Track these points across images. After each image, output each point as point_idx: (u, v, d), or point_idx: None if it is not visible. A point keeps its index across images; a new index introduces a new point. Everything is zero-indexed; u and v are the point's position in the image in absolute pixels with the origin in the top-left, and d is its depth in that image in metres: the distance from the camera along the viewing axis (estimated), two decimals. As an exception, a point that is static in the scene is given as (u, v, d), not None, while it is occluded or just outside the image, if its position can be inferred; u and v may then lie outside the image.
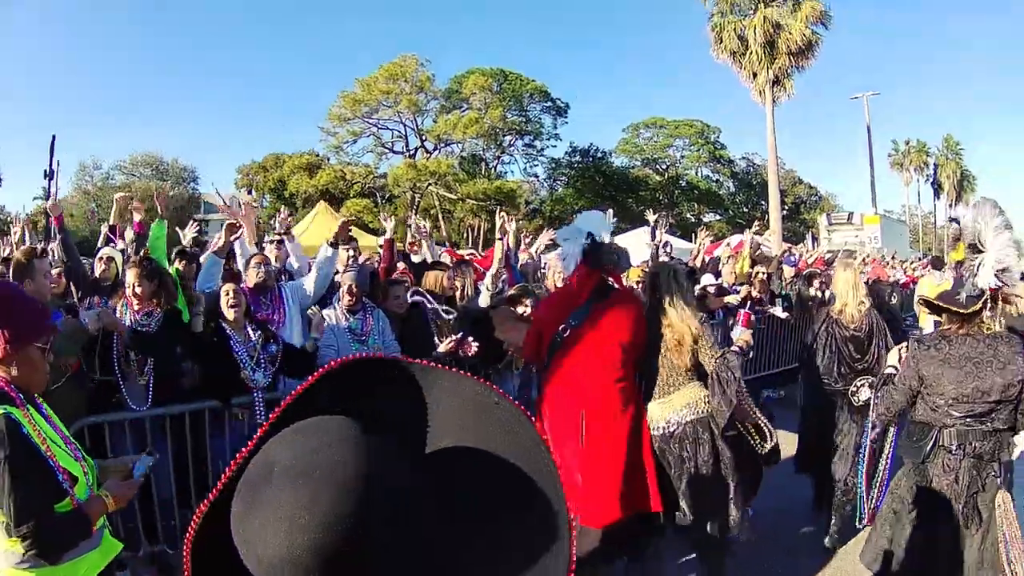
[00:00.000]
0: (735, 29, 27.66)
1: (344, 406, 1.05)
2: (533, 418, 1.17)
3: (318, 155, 42.33)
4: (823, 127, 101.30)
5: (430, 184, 38.49)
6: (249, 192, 45.14)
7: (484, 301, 6.09)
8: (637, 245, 12.07)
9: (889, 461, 4.42)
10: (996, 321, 3.48)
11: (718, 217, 50.50)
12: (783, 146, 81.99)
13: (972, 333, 3.48)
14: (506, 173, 46.96)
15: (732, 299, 7.77)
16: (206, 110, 74.25)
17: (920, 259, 17.28)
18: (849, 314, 5.20)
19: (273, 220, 7.99)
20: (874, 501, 4.35)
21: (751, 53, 27.41)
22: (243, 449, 1.02)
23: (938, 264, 13.04)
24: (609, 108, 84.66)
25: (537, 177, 49.46)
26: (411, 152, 42.73)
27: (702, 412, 4.07)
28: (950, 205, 62.77)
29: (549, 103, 46.42)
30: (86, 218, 34.82)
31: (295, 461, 0.92)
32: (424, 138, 42.08)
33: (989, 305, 3.43)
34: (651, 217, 10.13)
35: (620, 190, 48.57)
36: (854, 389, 4.65)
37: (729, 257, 9.36)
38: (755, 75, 27.82)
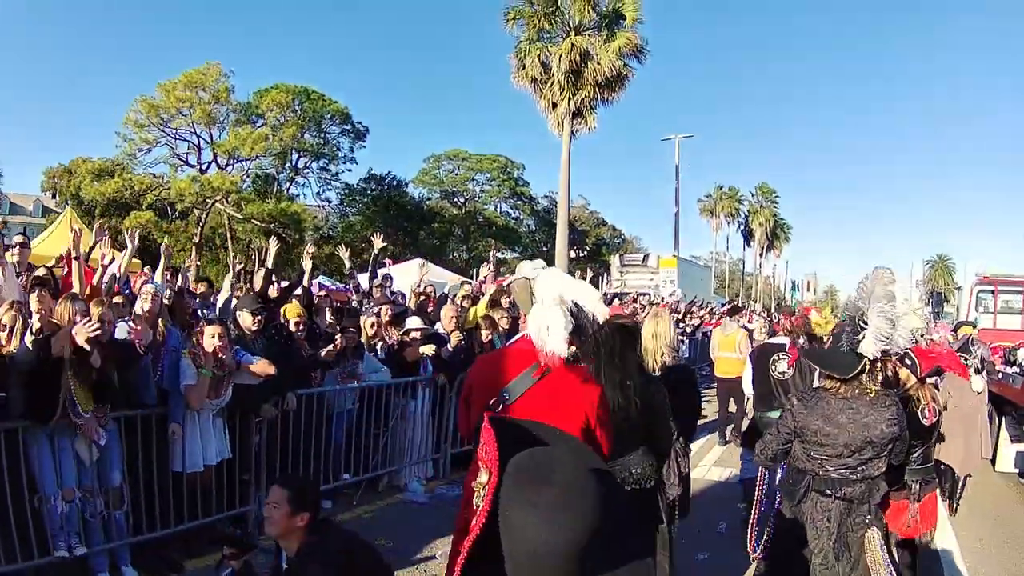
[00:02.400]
0: (540, 56, 26.88)
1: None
2: None
3: (116, 162, 39.24)
4: (636, 171, 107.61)
5: (216, 201, 36.88)
6: (53, 196, 42.55)
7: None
8: (405, 276, 13.06)
9: (765, 500, 5.41)
10: (874, 382, 3.95)
11: (515, 254, 50.64)
12: (587, 186, 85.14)
13: (850, 393, 3.90)
14: (299, 196, 45.86)
15: (427, 350, 8.30)
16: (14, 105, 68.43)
17: (722, 306, 17.93)
18: (649, 364, 4.85)
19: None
20: (751, 530, 5.27)
21: (553, 82, 26.70)
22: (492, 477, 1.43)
23: (734, 311, 13.48)
24: (416, 138, 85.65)
25: (330, 202, 48.97)
26: (204, 167, 40.98)
27: None
28: (761, 253, 67.27)
29: (348, 126, 46.02)
30: None
31: (566, 480, 1.32)
32: (215, 152, 40.54)
33: (867, 369, 3.90)
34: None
35: (413, 221, 48.80)
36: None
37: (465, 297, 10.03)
38: (555, 105, 27.16)
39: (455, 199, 54.08)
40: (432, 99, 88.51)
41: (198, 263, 34.44)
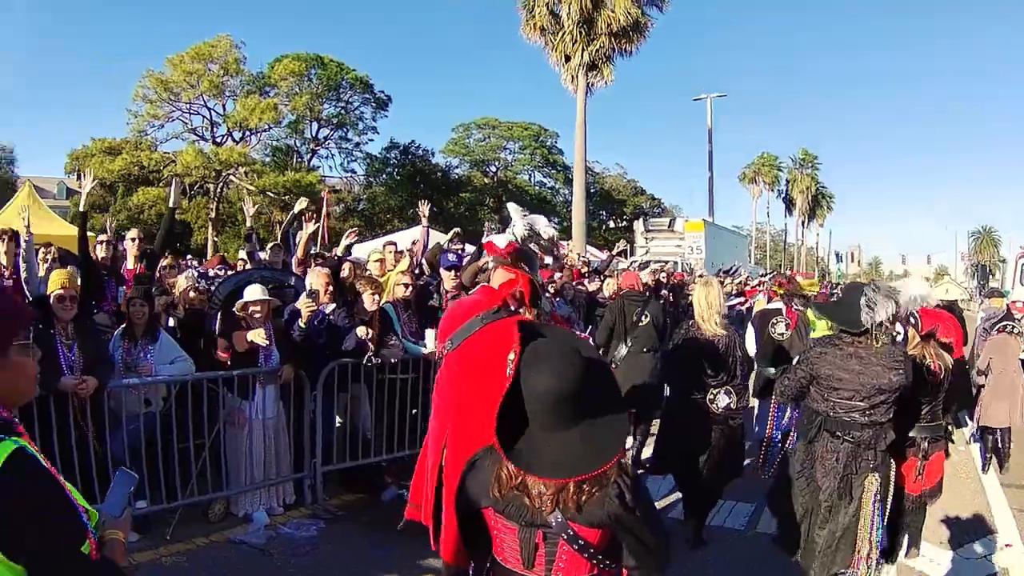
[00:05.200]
0: (549, 4, 25.53)
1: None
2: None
3: (127, 140, 38.31)
4: (673, 136, 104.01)
5: (230, 174, 35.93)
6: (78, 178, 42.85)
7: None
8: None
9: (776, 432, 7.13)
10: (883, 335, 4.24)
11: (554, 225, 48.51)
12: (622, 151, 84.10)
13: (861, 345, 4.23)
14: (320, 168, 44.36)
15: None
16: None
17: (764, 276, 15.93)
18: (706, 330, 5.55)
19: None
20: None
21: (565, 32, 25.31)
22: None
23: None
24: (443, 108, 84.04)
25: (354, 173, 47.29)
26: (219, 140, 39.68)
27: None
28: (803, 222, 65.24)
29: (369, 95, 44.14)
30: None
31: (560, 351, 2.12)
32: (218, 124, 39.47)
33: (885, 329, 4.23)
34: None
35: (439, 190, 46.69)
36: (711, 397, 5.52)
37: None
38: (568, 58, 25.84)
39: (486, 168, 52.01)
40: (456, 69, 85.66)
41: (216, 238, 34.64)
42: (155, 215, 32.96)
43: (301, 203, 8.52)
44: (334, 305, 6.55)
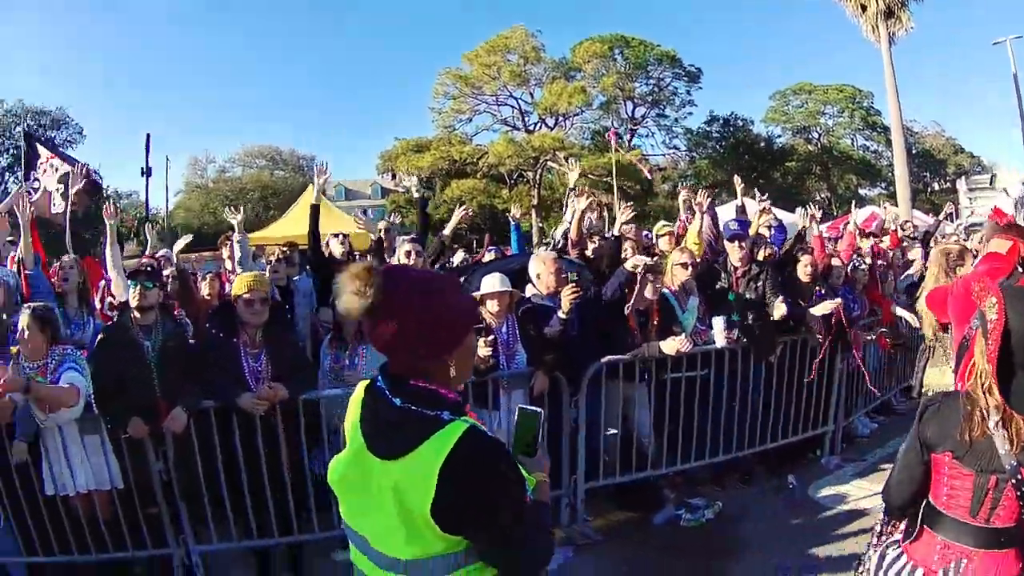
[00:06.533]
0: None
1: None
2: None
3: (441, 137, 40.85)
4: (972, 83, 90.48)
5: (547, 160, 36.39)
6: (393, 177, 47.08)
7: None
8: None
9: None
10: None
11: (880, 191, 44.60)
12: (932, 106, 74.71)
13: None
14: (641, 146, 43.96)
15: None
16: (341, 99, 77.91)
17: None
18: None
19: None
20: None
21: None
22: None
23: None
24: (746, 73, 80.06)
25: (677, 149, 46.65)
26: (531, 128, 40.83)
27: None
28: None
29: (679, 69, 43.08)
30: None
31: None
32: (529, 113, 40.47)
33: None
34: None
35: (764, 160, 44.90)
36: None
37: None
38: (864, 7, 24.82)
39: (808, 135, 48.98)
40: (768, 34, 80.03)
41: (541, 223, 35.43)
42: (476, 206, 34.28)
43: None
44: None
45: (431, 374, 1.75)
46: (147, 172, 30.62)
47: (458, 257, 8.32)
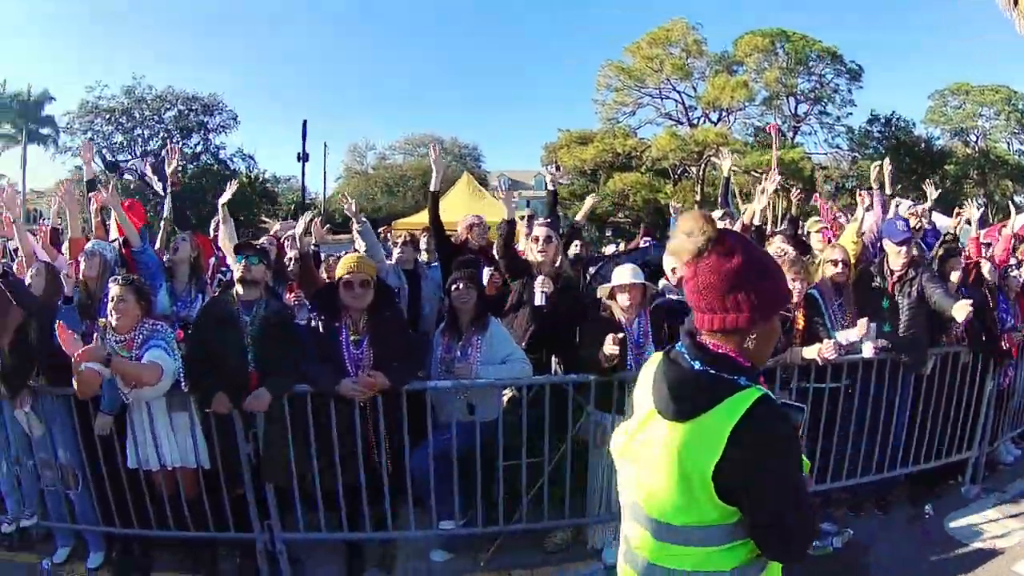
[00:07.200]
0: None
1: None
2: None
3: (606, 129, 40.36)
4: None
5: (711, 155, 35.24)
6: (557, 169, 47.03)
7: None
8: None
9: None
10: None
11: None
12: None
13: None
14: (803, 144, 42.11)
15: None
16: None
17: None
18: None
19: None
20: None
21: None
22: None
23: None
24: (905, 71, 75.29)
25: (840, 148, 44.41)
26: (695, 122, 40.07)
27: None
28: None
29: (840, 66, 41.21)
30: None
31: None
32: (693, 107, 39.53)
33: None
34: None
35: (923, 163, 42.06)
36: None
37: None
38: (1015, 2, 21.24)
39: (965, 137, 45.78)
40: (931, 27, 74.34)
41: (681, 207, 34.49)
42: (640, 200, 34.49)
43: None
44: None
45: (731, 341, 1.78)
46: (304, 157, 31.72)
47: (609, 250, 8.00)
